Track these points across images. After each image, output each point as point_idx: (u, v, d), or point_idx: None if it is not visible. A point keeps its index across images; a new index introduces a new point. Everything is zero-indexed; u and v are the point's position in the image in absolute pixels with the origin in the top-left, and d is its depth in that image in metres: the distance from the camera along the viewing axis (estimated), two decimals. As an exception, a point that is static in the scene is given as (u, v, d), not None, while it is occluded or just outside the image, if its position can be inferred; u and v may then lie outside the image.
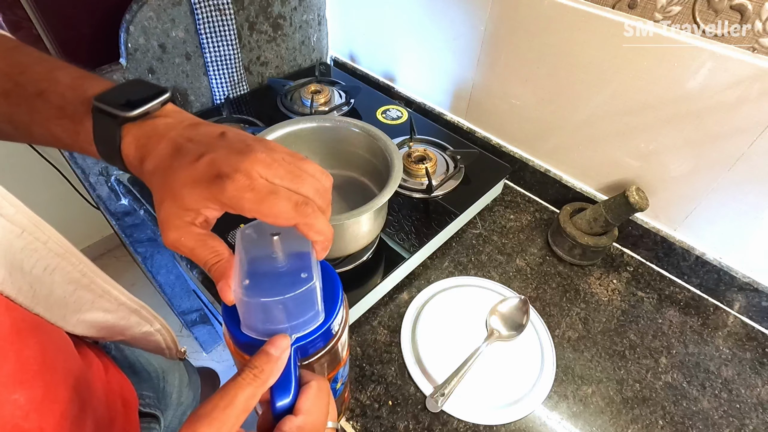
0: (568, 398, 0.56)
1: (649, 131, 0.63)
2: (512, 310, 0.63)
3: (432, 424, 0.53)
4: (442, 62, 0.85)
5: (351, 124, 0.64)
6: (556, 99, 0.71)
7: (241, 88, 0.91)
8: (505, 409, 0.54)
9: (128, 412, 0.43)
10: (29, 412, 0.26)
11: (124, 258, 1.68)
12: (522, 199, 0.83)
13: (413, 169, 0.75)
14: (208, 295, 0.66)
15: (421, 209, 0.72)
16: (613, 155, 0.69)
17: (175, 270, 1.07)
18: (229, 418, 0.23)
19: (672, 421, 0.55)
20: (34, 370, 0.27)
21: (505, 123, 0.82)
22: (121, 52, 0.72)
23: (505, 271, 0.69)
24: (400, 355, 0.58)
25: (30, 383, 0.27)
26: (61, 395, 0.30)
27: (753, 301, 0.64)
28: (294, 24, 0.95)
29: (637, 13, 0.58)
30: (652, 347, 0.62)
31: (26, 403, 0.26)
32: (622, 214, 0.64)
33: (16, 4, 0.63)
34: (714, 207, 0.63)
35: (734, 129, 0.56)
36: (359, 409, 0.53)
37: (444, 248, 0.72)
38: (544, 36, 0.67)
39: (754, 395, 0.58)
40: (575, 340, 0.62)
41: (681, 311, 0.67)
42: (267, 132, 0.62)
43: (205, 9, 0.76)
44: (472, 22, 0.75)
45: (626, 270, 0.72)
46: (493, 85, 0.79)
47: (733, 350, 0.62)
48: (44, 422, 0.27)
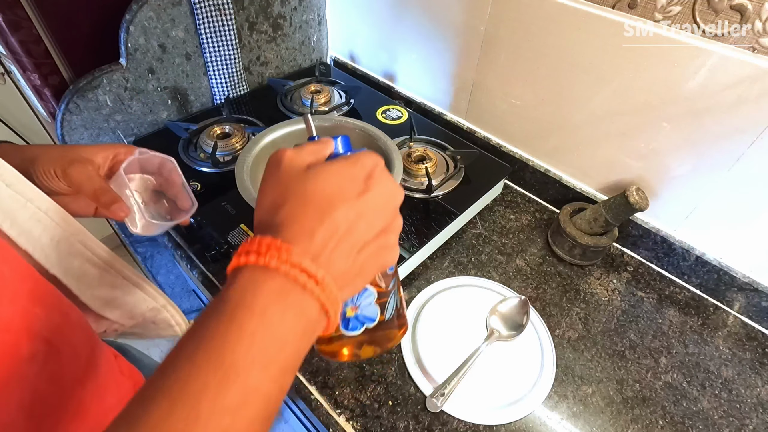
0: (568, 398, 0.56)
1: (649, 131, 0.63)
2: (512, 310, 0.63)
3: (432, 424, 0.53)
4: (442, 62, 0.85)
5: (351, 124, 0.64)
6: (556, 99, 0.71)
7: (241, 88, 0.91)
8: (505, 409, 0.54)
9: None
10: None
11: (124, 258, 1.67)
12: (522, 199, 0.83)
13: (413, 169, 0.75)
14: (207, 294, 0.66)
15: (421, 209, 0.72)
16: (613, 155, 0.69)
17: (175, 270, 1.07)
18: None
19: (672, 421, 0.55)
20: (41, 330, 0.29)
21: (505, 123, 0.82)
22: (121, 52, 0.72)
23: (505, 271, 0.69)
24: (400, 355, 0.58)
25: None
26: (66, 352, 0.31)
27: (753, 301, 0.64)
28: (294, 24, 0.95)
29: (637, 13, 0.58)
30: (652, 347, 0.62)
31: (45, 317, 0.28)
32: (622, 214, 0.64)
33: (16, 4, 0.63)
34: (714, 207, 0.63)
35: (734, 129, 0.56)
36: (359, 409, 0.53)
37: (444, 248, 0.72)
38: (544, 36, 0.67)
39: (754, 395, 0.58)
40: (575, 340, 0.62)
41: (681, 311, 0.67)
42: (267, 132, 0.62)
43: (205, 9, 0.76)
44: (472, 22, 0.75)
45: (626, 270, 0.72)
46: (493, 85, 0.79)
47: (733, 350, 0.62)
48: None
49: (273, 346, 0.22)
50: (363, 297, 0.34)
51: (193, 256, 0.67)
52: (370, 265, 0.27)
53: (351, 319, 0.34)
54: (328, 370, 0.57)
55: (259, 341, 0.21)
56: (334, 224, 0.25)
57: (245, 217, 0.67)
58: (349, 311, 0.34)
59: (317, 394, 0.55)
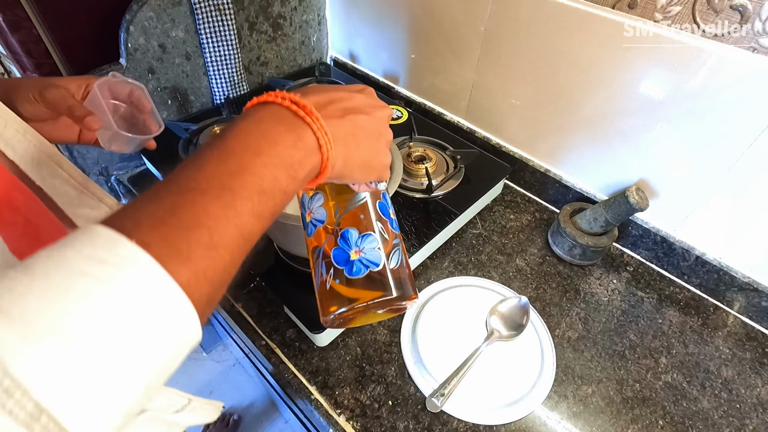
0: (568, 398, 0.56)
1: (649, 131, 0.63)
2: (512, 310, 0.63)
3: (432, 424, 0.53)
4: (442, 62, 0.85)
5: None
6: (556, 99, 0.71)
7: (241, 88, 0.91)
8: (505, 409, 0.54)
9: None
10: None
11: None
12: (522, 199, 0.83)
13: (413, 169, 0.75)
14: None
15: (421, 209, 0.72)
16: (613, 155, 0.69)
17: (175, 270, 1.07)
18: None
19: (672, 421, 0.55)
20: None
21: (505, 123, 0.82)
22: (121, 52, 0.72)
23: (505, 271, 0.69)
24: (400, 355, 0.58)
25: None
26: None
27: (753, 301, 0.64)
28: (294, 24, 0.95)
29: (637, 13, 0.58)
30: (652, 347, 0.62)
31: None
32: (622, 214, 0.64)
33: (16, 4, 0.63)
34: (714, 207, 0.63)
35: (734, 129, 0.56)
36: (359, 409, 0.53)
37: (444, 248, 0.72)
38: (544, 36, 0.67)
39: (754, 395, 0.58)
40: (575, 340, 0.62)
41: (681, 311, 0.67)
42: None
43: (205, 9, 0.76)
44: (472, 22, 0.75)
45: (626, 270, 0.72)
46: (493, 85, 0.79)
47: (733, 350, 0.62)
48: None
49: (264, 142, 0.26)
50: (366, 241, 0.36)
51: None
52: (362, 134, 0.32)
53: (354, 261, 0.35)
54: (328, 370, 0.57)
55: (253, 138, 0.26)
56: (327, 95, 0.31)
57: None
58: (353, 254, 0.36)
59: (317, 394, 0.55)
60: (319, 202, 0.38)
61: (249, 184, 0.24)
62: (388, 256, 0.37)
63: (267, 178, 0.25)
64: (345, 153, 0.30)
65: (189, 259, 0.20)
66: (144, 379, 0.19)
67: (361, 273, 0.35)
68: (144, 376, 0.19)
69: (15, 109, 0.38)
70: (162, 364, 0.20)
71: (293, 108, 0.28)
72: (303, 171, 0.27)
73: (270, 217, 0.25)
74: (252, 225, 0.24)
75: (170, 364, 0.20)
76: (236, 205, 0.23)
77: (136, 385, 0.19)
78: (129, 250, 0.18)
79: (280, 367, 0.57)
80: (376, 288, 0.36)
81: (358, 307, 0.35)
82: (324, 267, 0.37)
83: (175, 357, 0.20)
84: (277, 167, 0.26)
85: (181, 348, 0.20)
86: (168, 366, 0.20)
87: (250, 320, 0.61)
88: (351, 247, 0.36)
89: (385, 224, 0.38)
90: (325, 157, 0.28)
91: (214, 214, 0.22)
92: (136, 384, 0.19)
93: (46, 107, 0.42)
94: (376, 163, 0.33)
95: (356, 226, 0.37)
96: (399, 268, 0.37)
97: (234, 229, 0.22)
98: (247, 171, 0.24)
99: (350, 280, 0.35)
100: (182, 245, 0.20)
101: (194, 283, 0.20)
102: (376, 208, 0.39)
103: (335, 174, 0.31)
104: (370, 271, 0.36)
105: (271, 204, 0.25)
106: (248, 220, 0.23)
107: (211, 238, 0.21)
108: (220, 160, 0.24)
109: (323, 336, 0.56)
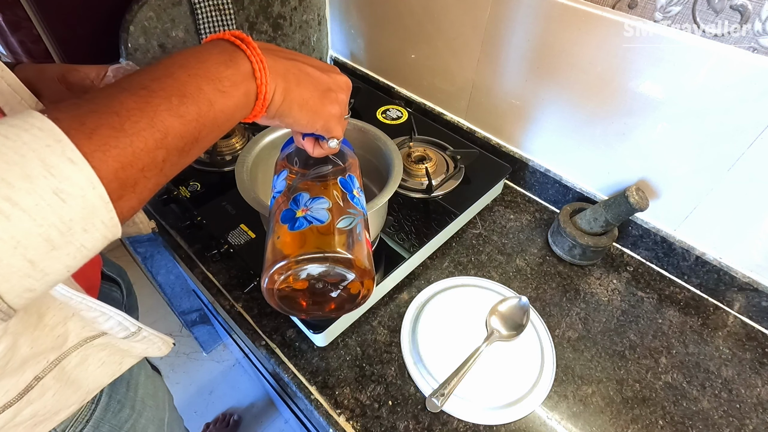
0: (568, 398, 0.56)
1: (649, 131, 0.63)
2: (512, 310, 0.63)
3: (432, 424, 0.53)
4: (442, 62, 0.85)
5: (350, 124, 0.64)
6: (556, 99, 0.71)
7: (241, 88, 0.91)
8: (505, 409, 0.54)
9: (93, 266, 0.53)
10: None
11: (123, 258, 1.67)
12: (522, 199, 0.83)
13: (413, 169, 0.75)
14: (207, 294, 0.66)
15: (421, 209, 0.72)
16: (613, 155, 0.69)
17: (175, 270, 1.07)
18: None
19: (672, 421, 0.55)
20: None
21: (505, 123, 0.82)
22: (121, 52, 0.72)
23: (505, 271, 0.70)
24: (400, 355, 0.58)
25: None
26: None
27: (753, 301, 0.64)
28: (294, 24, 0.95)
29: (637, 13, 0.58)
30: (652, 347, 0.62)
31: None
32: (622, 214, 0.64)
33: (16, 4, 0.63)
34: (714, 207, 0.63)
35: (734, 129, 0.56)
36: (359, 409, 0.53)
37: (444, 248, 0.72)
38: (544, 36, 0.67)
39: (754, 395, 0.58)
40: (575, 340, 0.62)
41: (681, 311, 0.67)
42: (267, 132, 0.62)
43: (205, 9, 0.76)
44: (472, 22, 0.75)
45: (626, 270, 0.72)
46: (493, 85, 0.79)
47: (733, 350, 0.62)
48: None
49: (192, 59, 0.28)
50: (316, 202, 0.36)
51: (193, 256, 0.67)
52: (305, 78, 0.34)
53: (299, 218, 0.35)
54: (328, 370, 0.57)
55: (185, 56, 0.29)
56: (288, 51, 0.34)
57: (245, 217, 0.67)
58: (299, 212, 0.35)
59: (317, 394, 0.55)
60: (282, 176, 0.39)
61: (167, 86, 0.26)
62: (338, 218, 0.35)
63: (190, 86, 0.27)
64: (285, 87, 0.32)
65: (94, 133, 0.23)
66: (43, 233, 0.21)
67: (304, 226, 0.34)
68: (42, 229, 0.21)
69: (36, 91, 0.42)
70: (63, 221, 0.22)
71: (233, 39, 0.31)
72: (236, 90, 0.29)
73: (195, 122, 0.27)
74: (171, 123, 0.26)
75: (74, 227, 0.22)
76: (152, 101, 0.25)
77: (36, 238, 0.21)
78: (38, 119, 0.22)
79: (280, 367, 0.57)
80: (318, 243, 0.33)
81: (297, 259, 0.33)
82: (272, 231, 0.36)
83: (82, 220, 0.22)
84: (201, 78, 0.28)
85: (84, 208, 0.22)
86: (73, 228, 0.22)
87: (250, 320, 0.61)
88: (299, 207, 0.35)
89: (343, 195, 0.37)
90: (260, 83, 0.30)
91: (128, 106, 0.24)
92: (35, 237, 0.21)
93: (67, 88, 0.47)
94: (320, 109, 0.35)
95: (309, 190, 0.37)
96: (350, 232, 0.35)
97: (147, 121, 0.25)
98: (169, 77, 0.27)
99: (293, 234, 0.34)
100: (89, 122, 0.23)
101: (99, 157, 0.23)
102: (336, 181, 0.38)
103: (275, 109, 0.32)
104: (312, 225, 0.34)
105: (194, 109, 0.27)
106: (165, 118, 0.25)
107: (122, 124, 0.24)
108: (148, 70, 0.27)
109: (323, 336, 0.56)
